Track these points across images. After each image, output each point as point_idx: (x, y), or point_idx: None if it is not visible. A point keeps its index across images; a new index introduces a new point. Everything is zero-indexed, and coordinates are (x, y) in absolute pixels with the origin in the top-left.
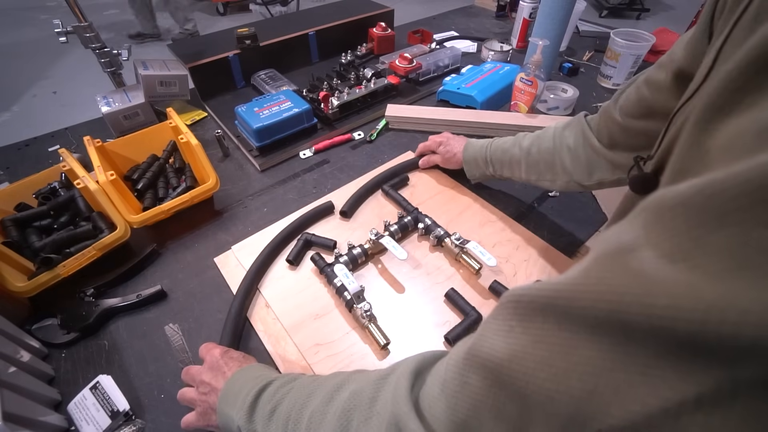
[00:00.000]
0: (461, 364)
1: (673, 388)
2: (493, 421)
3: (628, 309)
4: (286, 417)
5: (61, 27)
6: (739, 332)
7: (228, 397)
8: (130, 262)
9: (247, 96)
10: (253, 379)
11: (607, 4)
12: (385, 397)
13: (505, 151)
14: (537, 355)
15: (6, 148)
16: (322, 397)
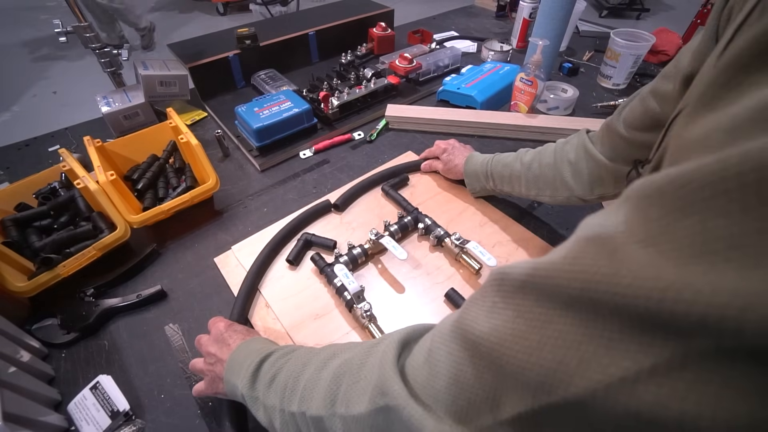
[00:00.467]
0: (446, 335)
1: (632, 359)
2: (471, 389)
3: (597, 287)
4: (284, 384)
5: (61, 27)
6: (690, 310)
7: (233, 368)
8: (130, 262)
9: (247, 96)
10: (255, 351)
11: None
12: (372, 363)
13: (506, 166)
14: (515, 329)
15: (6, 148)
16: (315, 365)
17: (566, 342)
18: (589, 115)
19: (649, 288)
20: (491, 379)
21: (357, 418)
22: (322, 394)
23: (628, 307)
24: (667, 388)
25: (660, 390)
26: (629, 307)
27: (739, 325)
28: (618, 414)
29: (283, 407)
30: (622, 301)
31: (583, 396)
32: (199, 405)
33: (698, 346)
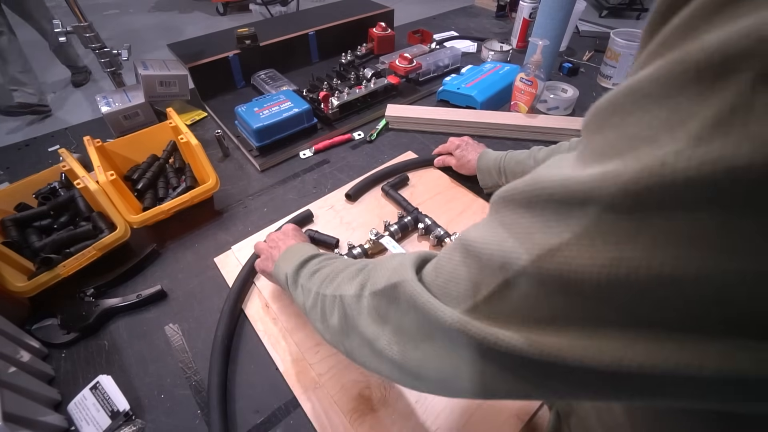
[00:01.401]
0: (450, 248)
1: (556, 234)
2: (462, 281)
3: (541, 190)
4: (324, 277)
5: (61, 27)
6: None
7: (286, 258)
8: (130, 262)
9: (247, 96)
10: (305, 250)
11: (607, 4)
12: (394, 262)
13: (519, 163)
14: (491, 230)
15: (6, 148)
16: (353, 268)
17: (520, 231)
18: None
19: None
20: (474, 271)
21: (376, 293)
22: (355, 282)
23: (554, 196)
24: (585, 251)
25: (578, 254)
26: (554, 197)
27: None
28: (552, 277)
29: (318, 291)
30: (549, 195)
31: (527, 267)
32: (199, 405)
33: (596, 217)
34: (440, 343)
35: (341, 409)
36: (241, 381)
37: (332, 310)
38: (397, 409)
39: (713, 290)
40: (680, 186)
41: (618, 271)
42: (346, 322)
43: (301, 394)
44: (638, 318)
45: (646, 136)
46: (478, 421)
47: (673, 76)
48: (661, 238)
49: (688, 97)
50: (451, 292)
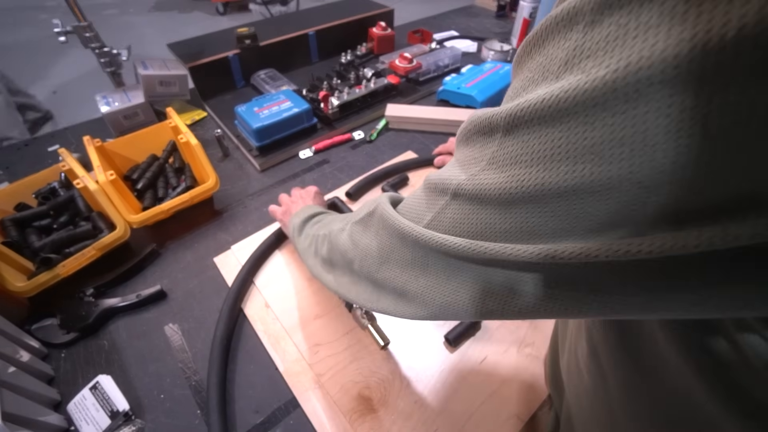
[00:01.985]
0: (419, 188)
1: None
2: (422, 206)
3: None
4: (321, 224)
5: (60, 27)
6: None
7: (300, 213)
8: (129, 262)
9: (247, 96)
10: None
11: None
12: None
13: None
14: (446, 167)
15: (6, 148)
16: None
17: (460, 161)
18: None
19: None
20: (428, 198)
21: (355, 222)
22: (342, 219)
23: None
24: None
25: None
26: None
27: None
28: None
29: (314, 233)
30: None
31: (454, 188)
32: (199, 405)
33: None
34: (402, 255)
35: (341, 409)
36: (240, 381)
37: (322, 245)
38: (397, 409)
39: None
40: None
41: (515, 186)
42: (330, 253)
43: (301, 394)
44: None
45: (532, 78)
46: (478, 421)
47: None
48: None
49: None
50: (414, 215)
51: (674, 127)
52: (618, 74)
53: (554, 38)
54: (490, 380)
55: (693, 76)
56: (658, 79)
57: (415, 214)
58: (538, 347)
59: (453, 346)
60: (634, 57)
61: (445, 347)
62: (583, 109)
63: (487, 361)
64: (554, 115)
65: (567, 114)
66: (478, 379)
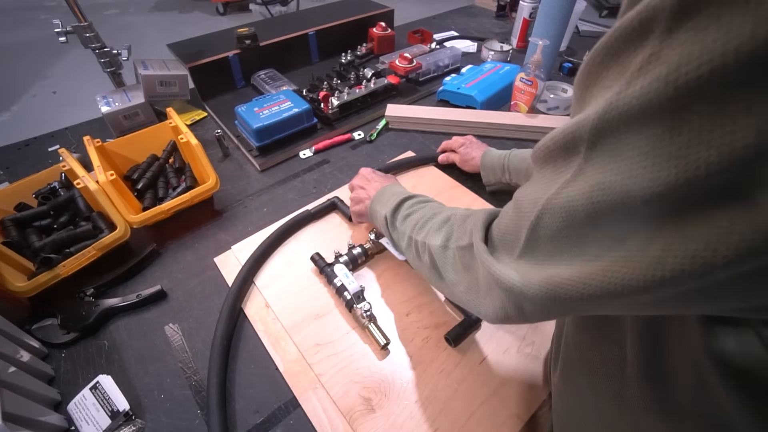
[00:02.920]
0: (508, 204)
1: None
2: (513, 229)
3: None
4: (416, 222)
5: (61, 27)
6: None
7: (379, 200)
8: (130, 262)
9: (247, 96)
10: (397, 193)
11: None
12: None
13: (522, 160)
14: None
15: (6, 148)
16: (440, 217)
17: (540, 181)
18: None
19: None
20: (518, 217)
21: (460, 248)
22: (440, 234)
23: (559, 144)
24: (579, 185)
25: (576, 186)
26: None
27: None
28: (562, 209)
29: (411, 235)
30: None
31: (545, 205)
32: (199, 405)
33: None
34: (497, 291)
35: (341, 409)
36: (240, 381)
37: (423, 254)
38: (397, 409)
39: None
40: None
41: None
42: (434, 266)
43: (301, 394)
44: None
45: (605, 85)
46: (478, 421)
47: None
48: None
49: (627, 52)
50: (507, 242)
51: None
52: (702, 75)
53: (628, 47)
54: (490, 380)
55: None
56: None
57: (510, 239)
58: (538, 347)
59: (453, 346)
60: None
61: (445, 347)
62: (669, 111)
63: (487, 361)
64: (641, 118)
65: (652, 117)
66: (478, 379)
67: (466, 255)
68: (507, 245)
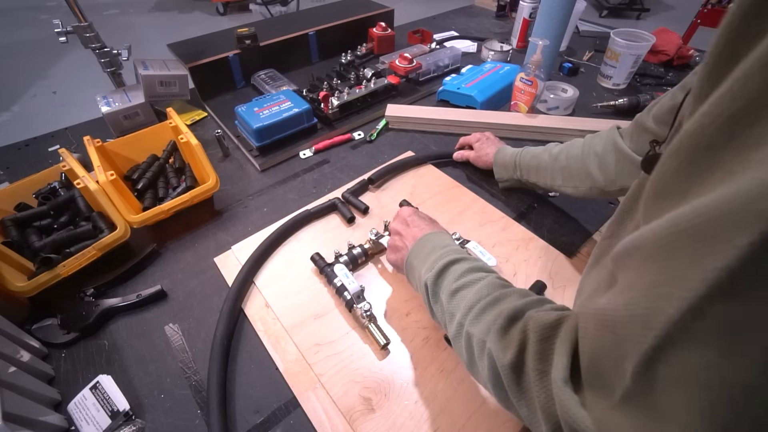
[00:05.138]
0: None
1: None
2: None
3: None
4: (470, 305)
5: (61, 27)
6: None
7: (419, 254)
8: (130, 262)
9: (247, 96)
10: (440, 247)
11: (607, 4)
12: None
13: (534, 157)
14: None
15: (6, 148)
16: (504, 319)
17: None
18: (589, 115)
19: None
20: (616, 346)
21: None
22: (511, 349)
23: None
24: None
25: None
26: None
27: None
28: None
29: (462, 322)
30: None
31: (678, 319)
32: (199, 405)
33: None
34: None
35: (341, 409)
36: (241, 381)
37: (481, 357)
38: (397, 409)
39: None
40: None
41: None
42: (496, 382)
43: (301, 394)
44: None
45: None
46: (478, 421)
47: None
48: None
49: None
50: (602, 379)
51: None
52: None
53: None
54: None
55: None
56: None
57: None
58: None
59: (453, 346)
60: None
61: (446, 347)
62: None
63: None
64: None
65: None
66: None
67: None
68: (601, 384)
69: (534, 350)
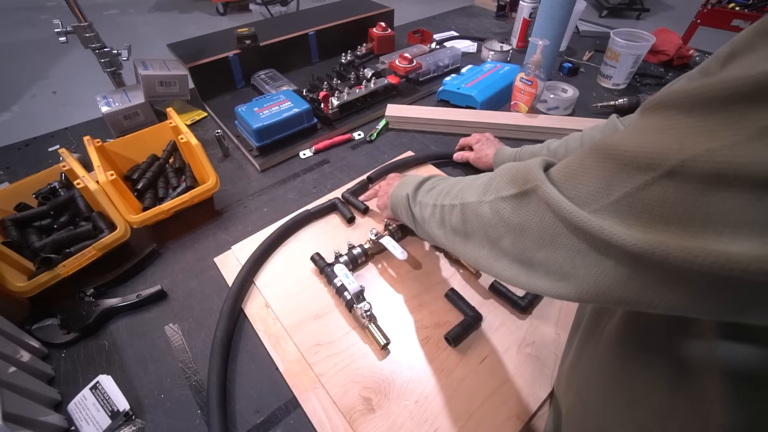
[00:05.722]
0: (580, 154)
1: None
2: (593, 181)
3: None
4: (440, 191)
5: (61, 27)
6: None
7: (402, 185)
8: (130, 262)
9: (247, 96)
10: (421, 176)
11: (607, 4)
12: (517, 168)
13: (533, 153)
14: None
15: (6, 148)
16: (467, 180)
17: (675, 133)
18: (589, 115)
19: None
20: (610, 172)
21: (503, 198)
22: (476, 190)
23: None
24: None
25: (748, 152)
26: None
27: None
28: (698, 175)
29: (435, 203)
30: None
31: (676, 166)
32: (199, 405)
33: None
34: (565, 243)
35: (341, 409)
36: (241, 381)
37: (450, 216)
38: (397, 409)
39: None
40: None
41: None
42: (464, 225)
43: (301, 394)
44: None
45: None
46: (478, 421)
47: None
48: None
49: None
50: (581, 193)
51: None
52: None
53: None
54: (490, 380)
55: None
56: None
57: (584, 193)
58: (538, 347)
59: (453, 346)
60: None
61: (445, 347)
62: None
63: (487, 361)
64: None
65: None
66: (478, 379)
67: (507, 207)
68: (578, 197)
69: (498, 183)
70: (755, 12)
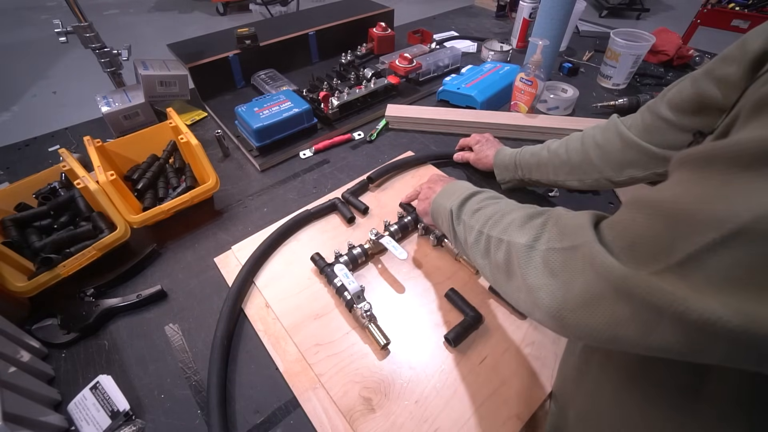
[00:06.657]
0: (629, 208)
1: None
2: (651, 240)
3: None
4: (488, 216)
5: (61, 27)
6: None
7: (444, 195)
8: (130, 262)
9: (247, 96)
10: (464, 187)
11: (607, 4)
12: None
13: (533, 155)
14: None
15: (6, 148)
16: (520, 214)
17: (736, 189)
18: (589, 115)
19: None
20: (667, 231)
21: (553, 249)
22: (525, 232)
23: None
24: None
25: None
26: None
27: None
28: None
29: (482, 230)
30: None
31: (747, 223)
32: (199, 405)
33: None
34: (611, 304)
35: (341, 409)
36: (241, 381)
37: (497, 251)
38: (397, 409)
39: None
40: None
41: None
42: (508, 266)
43: (301, 394)
44: None
45: None
46: (478, 421)
47: None
48: None
49: None
50: (636, 253)
51: None
52: None
53: None
54: (490, 380)
55: None
56: None
57: (639, 253)
58: (538, 347)
59: (453, 346)
60: None
61: (445, 347)
62: None
63: (487, 361)
64: None
65: None
66: (478, 379)
67: (558, 259)
68: (633, 257)
69: (551, 231)
70: (755, 12)
